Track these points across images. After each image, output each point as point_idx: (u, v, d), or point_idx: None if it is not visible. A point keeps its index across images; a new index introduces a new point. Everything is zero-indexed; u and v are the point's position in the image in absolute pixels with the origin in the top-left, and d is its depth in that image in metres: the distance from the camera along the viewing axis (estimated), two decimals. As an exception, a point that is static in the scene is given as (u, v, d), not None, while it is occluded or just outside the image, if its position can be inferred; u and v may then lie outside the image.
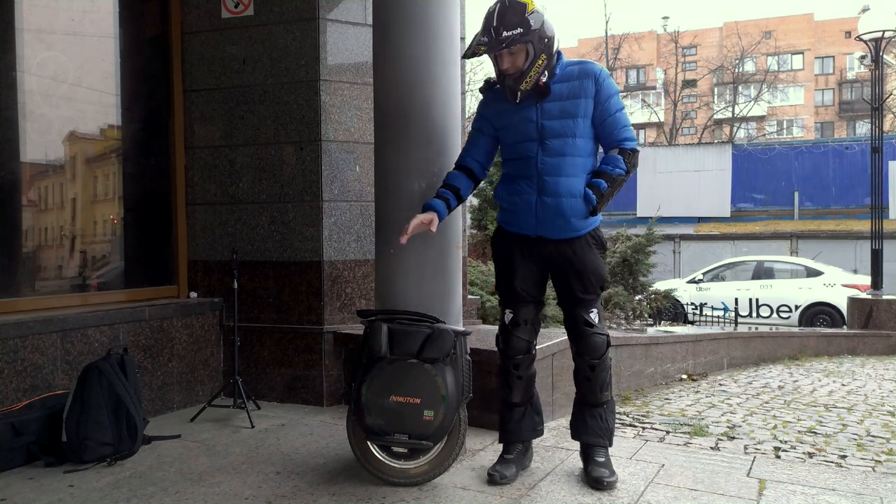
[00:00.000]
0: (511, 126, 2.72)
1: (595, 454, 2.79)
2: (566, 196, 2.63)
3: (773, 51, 36.61)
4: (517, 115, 2.69)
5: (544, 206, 2.65)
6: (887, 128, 25.72)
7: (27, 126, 3.76)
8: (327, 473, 2.87)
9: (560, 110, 2.64)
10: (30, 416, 3.07)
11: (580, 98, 2.64)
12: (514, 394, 2.84)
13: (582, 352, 2.76)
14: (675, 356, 5.99)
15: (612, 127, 2.67)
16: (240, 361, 3.91)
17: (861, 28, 10.63)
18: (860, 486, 2.78)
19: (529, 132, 2.67)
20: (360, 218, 4.08)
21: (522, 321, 2.79)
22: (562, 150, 2.64)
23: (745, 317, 13.04)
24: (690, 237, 20.55)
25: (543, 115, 2.65)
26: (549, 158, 2.65)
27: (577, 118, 2.64)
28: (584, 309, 2.73)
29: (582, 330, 2.74)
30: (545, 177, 2.65)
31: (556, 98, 2.65)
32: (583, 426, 2.82)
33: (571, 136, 2.64)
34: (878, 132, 10.53)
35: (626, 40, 33.78)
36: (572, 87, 2.65)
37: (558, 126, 2.64)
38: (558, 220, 2.66)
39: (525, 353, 2.81)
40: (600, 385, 2.77)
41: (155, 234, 4.36)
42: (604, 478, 2.69)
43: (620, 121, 2.68)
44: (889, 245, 11.68)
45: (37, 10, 3.83)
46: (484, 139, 2.82)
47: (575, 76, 2.66)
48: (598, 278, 2.74)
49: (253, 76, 4.10)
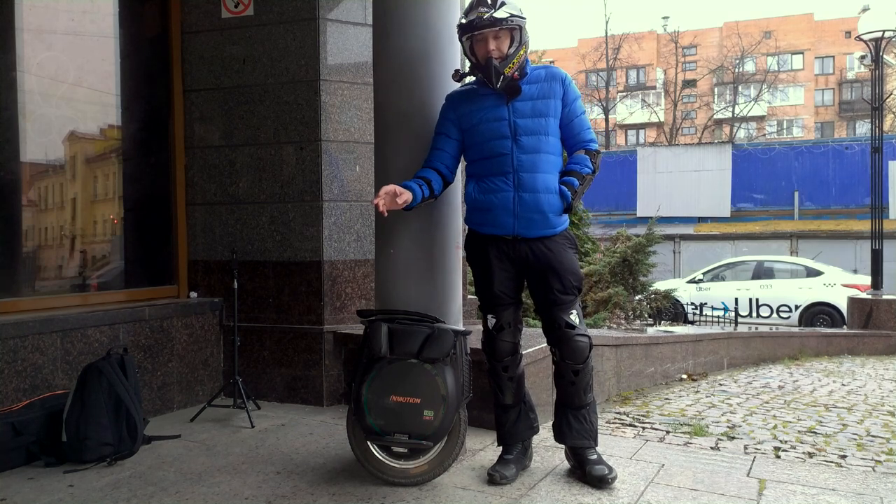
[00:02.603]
0: (481, 125, 2.72)
1: (587, 454, 2.80)
2: (543, 192, 2.66)
3: (773, 51, 36.59)
4: (488, 114, 2.71)
5: (523, 203, 2.66)
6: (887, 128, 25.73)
7: (27, 126, 3.76)
8: (327, 473, 2.87)
9: (531, 109, 2.69)
10: (30, 416, 3.06)
11: (550, 98, 2.70)
12: (506, 396, 2.85)
13: (565, 356, 2.73)
14: (675, 356, 5.99)
15: (577, 128, 2.74)
16: (240, 361, 3.91)
17: (861, 28, 10.63)
18: (860, 486, 2.78)
19: (502, 130, 2.69)
20: (360, 218, 4.08)
21: (506, 324, 2.79)
22: (536, 147, 2.67)
23: (745, 317, 13.03)
24: (690, 237, 20.55)
25: (515, 113, 2.69)
26: (525, 155, 2.67)
27: (548, 117, 2.69)
28: (565, 311, 2.72)
29: (564, 333, 2.71)
30: (522, 173, 2.66)
31: (527, 98, 2.70)
32: (568, 429, 2.81)
33: (544, 134, 2.68)
34: (878, 132, 10.52)
35: (626, 40, 33.78)
36: (541, 88, 2.71)
37: (531, 124, 2.68)
38: (536, 216, 2.67)
39: (512, 355, 2.81)
40: (584, 388, 2.76)
41: (155, 234, 4.35)
42: (606, 475, 2.69)
43: (584, 123, 2.77)
44: (889, 245, 11.67)
45: (37, 10, 3.83)
46: (450, 143, 2.81)
47: (542, 78, 2.73)
48: (576, 277, 2.75)
49: (253, 76, 4.10)
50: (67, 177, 4.02)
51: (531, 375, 3.27)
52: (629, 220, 17.18)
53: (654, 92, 40.77)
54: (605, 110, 33.79)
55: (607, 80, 34.34)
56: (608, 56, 33.20)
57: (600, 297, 8.97)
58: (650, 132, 40.80)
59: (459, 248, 3.07)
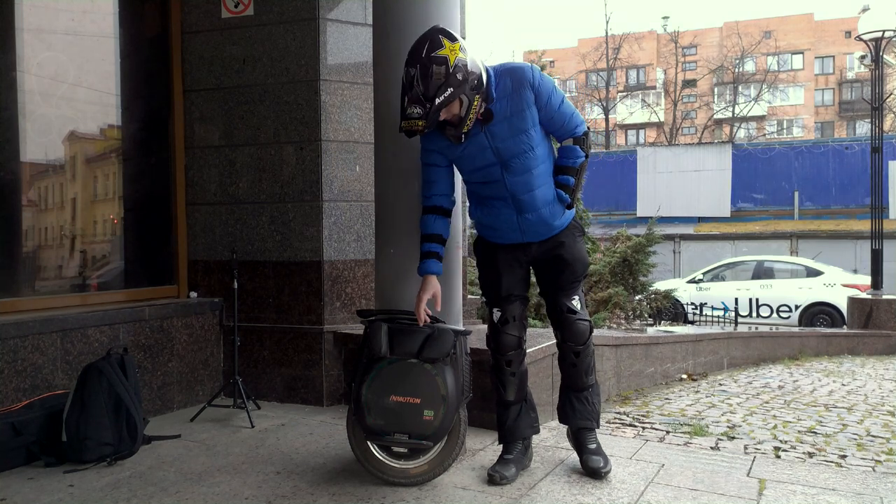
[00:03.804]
0: (465, 157, 2.66)
1: (587, 441, 2.85)
2: (544, 206, 2.69)
3: (773, 51, 36.61)
4: (469, 146, 2.62)
5: (527, 222, 2.71)
6: (887, 128, 25.72)
7: (27, 126, 3.76)
8: (327, 473, 2.87)
9: (509, 128, 2.58)
10: (30, 416, 3.06)
11: (523, 111, 2.57)
12: (508, 391, 2.86)
13: (567, 338, 2.82)
14: (675, 356, 5.99)
15: (560, 121, 2.67)
16: (240, 361, 3.91)
17: (861, 28, 10.63)
18: (860, 486, 2.78)
19: (487, 158, 2.63)
20: (360, 218, 4.08)
21: (511, 318, 2.82)
22: (526, 167, 2.62)
23: (745, 317, 13.04)
24: (690, 237, 20.55)
25: (494, 138, 2.59)
26: (516, 178, 2.64)
27: (527, 131, 2.60)
28: (568, 297, 2.80)
29: (566, 317, 2.80)
30: (519, 196, 2.66)
31: (501, 118, 2.57)
32: (571, 410, 2.88)
33: (529, 150, 2.62)
34: (878, 132, 10.53)
35: (626, 40, 33.80)
36: (512, 103, 2.57)
37: (513, 145, 2.60)
38: (542, 227, 2.73)
39: (516, 349, 2.84)
40: (585, 370, 2.84)
41: (155, 234, 4.36)
42: (600, 468, 2.77)
43: (566, 112, 2.66)
44: (889, 245, 11.67)
45: (37, 10, 3.83)
46: (440, 171, 2.74)
47: (510, 90, 2.57)
48: (583, 265, 2.82)
49: (253, 76, 4.10)
50: (67, 177, 4.02)
51: (531, 375, 3.27)
52: (629, 220, 17.15)
53: (654, 92, 40.80)
54: (605, 110, 33.82)
55: (607, 80, 34.37)
56: (608, 56, 33.21)
57: (600, 297, 8.95)
58: (650, 132, 40.81)
59: (459, 249, 3.07)
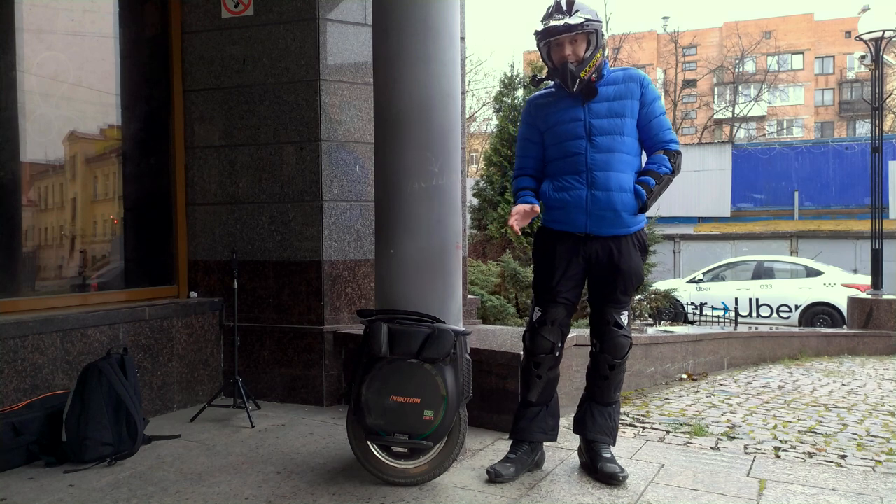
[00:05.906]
0: (558, 125, 2.78)
1: (602, 450, 2.83)
2: (617, 190, 2.69)
3: (773, 51, 36.63)
4: (565, 115, 2.76)
5: (595, 200, 2.70)
6: (887, 128, 25.73)
7: (27, 126, 3.76)
8: (327, 473, 2.87)
9: (607, 110, 2.72)
10: (30, 415, 3.06)
11: (626, 99, 2.74)
12: (531, 392, 2.86)
13: (606, 350, 2.80)
14: (675, 356, 5.99)
15: (657, 129, 2.76)
16: (240, 361, 3.91)
17: (861, 28, 10.62)
18: (860, 486, 2.78)
19: (577, 130, 2.73)
20: (360, 218, 4.08)
21: (550, 321, 2.81)
22: (610, 147, 2.70)
23: (745, 317, 13.02)
24: (690, 237, 20.54)
25: (591, 114, 2.73)
26: (599, 154, 2.70)
27: (624, 117, 2.72)
28: (617, 310, 2.80)
29: (611, 330, 2.79)
30: (595, 171, 2.70)
31: (603, 99, 2.74)
32: (591, 423, 2.86)
33: (619, 134, 2.71)
34: (878, 132, 10.52)
35: (626, 40, 33.77)
36: (618, 90, 2.75)
37: (606, 124, 2.71)
38: (609, 213, 2.71)
39: (548, 353, 2.82)
40: (616, 385, 2.84)
41: (155, 234, 4.35)
42: (617, 473, 2.73)
43: (664, 123, 2.78)
44: (889, 245, 11.66)
45: (37, 10, 3.83)
46: (534, 147, 2.90)
47: (620, 80, 2.77)
48: (638, 280, 2.82)
49: (253, 76, 4.10)
50: (67, 177, 4.02)
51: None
52: (629, 220, 17.12)
53: (654, 92, 40.74)
54: (605, 110, 33.74)
55: (607, 80, 34.30)
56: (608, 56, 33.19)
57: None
58: (650, 132, 40.76)
59: (459, 248, 3.07)
